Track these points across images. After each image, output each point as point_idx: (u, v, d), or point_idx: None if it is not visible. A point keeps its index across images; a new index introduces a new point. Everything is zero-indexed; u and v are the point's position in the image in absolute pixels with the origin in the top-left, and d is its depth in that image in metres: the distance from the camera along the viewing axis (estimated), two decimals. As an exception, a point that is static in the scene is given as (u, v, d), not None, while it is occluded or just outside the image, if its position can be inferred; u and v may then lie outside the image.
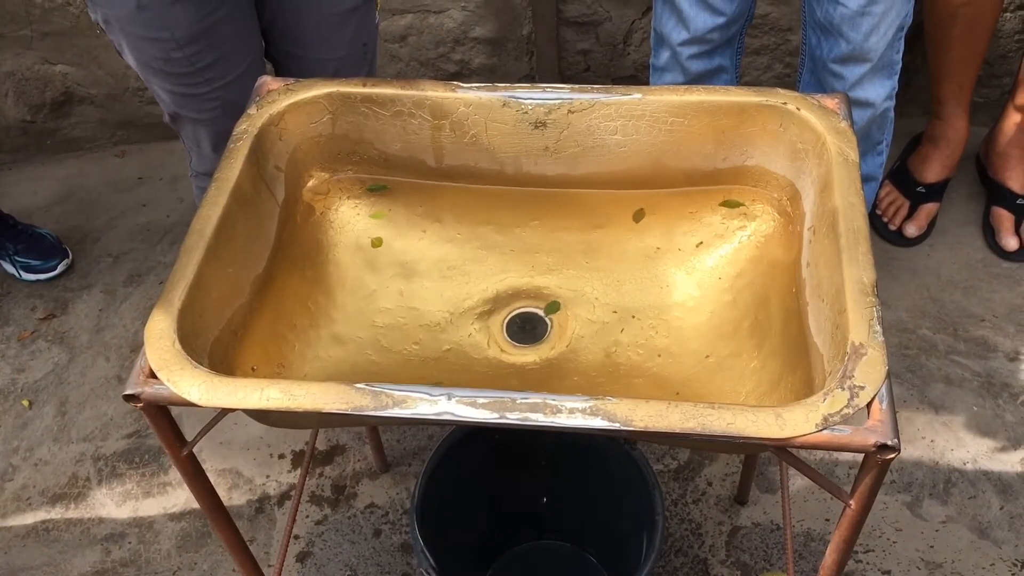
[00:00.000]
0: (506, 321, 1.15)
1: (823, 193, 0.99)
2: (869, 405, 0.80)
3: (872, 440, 0.77)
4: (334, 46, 1.44)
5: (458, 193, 1.18)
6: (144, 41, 1.27)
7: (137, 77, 2.26)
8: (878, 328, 0.84)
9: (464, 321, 1.14)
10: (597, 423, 0.79)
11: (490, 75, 2.25)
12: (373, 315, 1.15)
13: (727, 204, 1.16)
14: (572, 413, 0.80)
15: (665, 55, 1.65)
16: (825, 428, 0.78)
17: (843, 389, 0.80)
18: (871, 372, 0.81)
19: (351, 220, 1.20)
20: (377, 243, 1.19)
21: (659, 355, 1.10)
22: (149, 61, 1.31)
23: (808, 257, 1.01)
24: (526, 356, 1.11)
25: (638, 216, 1.17)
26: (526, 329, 1.14)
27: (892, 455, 0.78)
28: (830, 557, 0.92)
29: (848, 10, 1.42)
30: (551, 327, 1.14)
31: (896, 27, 1.46)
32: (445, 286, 1.17)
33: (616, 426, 0.79)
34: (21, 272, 2.09)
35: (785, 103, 1.04)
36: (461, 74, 2.25)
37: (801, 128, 1.04)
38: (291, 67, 1.47)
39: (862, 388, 0.80)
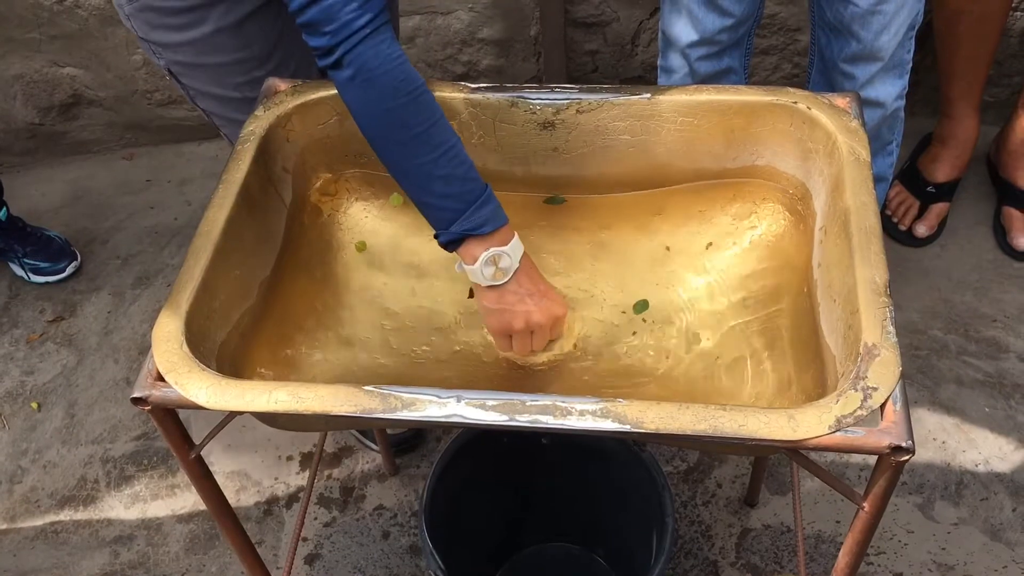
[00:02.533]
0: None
1: (834, 193, 0.98)
2: (883, 407, 0.79)
3: (886, 442, 0.77)
4: None
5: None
6: (223, 69, 1.23)
7: (145, 79, 2.28)
8: (891, 329, 0.83)
9: (473, 322, 1.14)
10: (608, 425, 0.79)
11: (498, 76, 2.25)
12: (382, 316, 1.15)
13: (550, 201, 1.16)
14: (583, 415, 0.79)
15: (673, 56, 1.64)
16: (838, 430, 0.77)
17: (856, 390, 0.79)
18: (884, 373, 0.80)
19: (359, 221, 1.20)
20: (361, 247, 1.18)
21: (668, 356, 1.10)
22: (231, 91, 1.26)
23: (820, 257, 1.00)
24: (536, 357, 1.10)
25: (648, 217, 1.16)
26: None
27: (906, 457, 0.77)
28: (843, 560, 0.91)
29: (859, 9, 1.41)
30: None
31: (907, 26, 1.45)
32: (454, 287, 1.17)
33: (627, 428, 0.78)
34: (30, 274, 2.09)
35: (796, 102, 1.04)
36: (469, 75, 2.25)
37: (812, 127, 1.03)
38: None
39: (875, 389, 0.79)
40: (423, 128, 0.95)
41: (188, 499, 1.72)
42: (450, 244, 1.00)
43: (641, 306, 1.14)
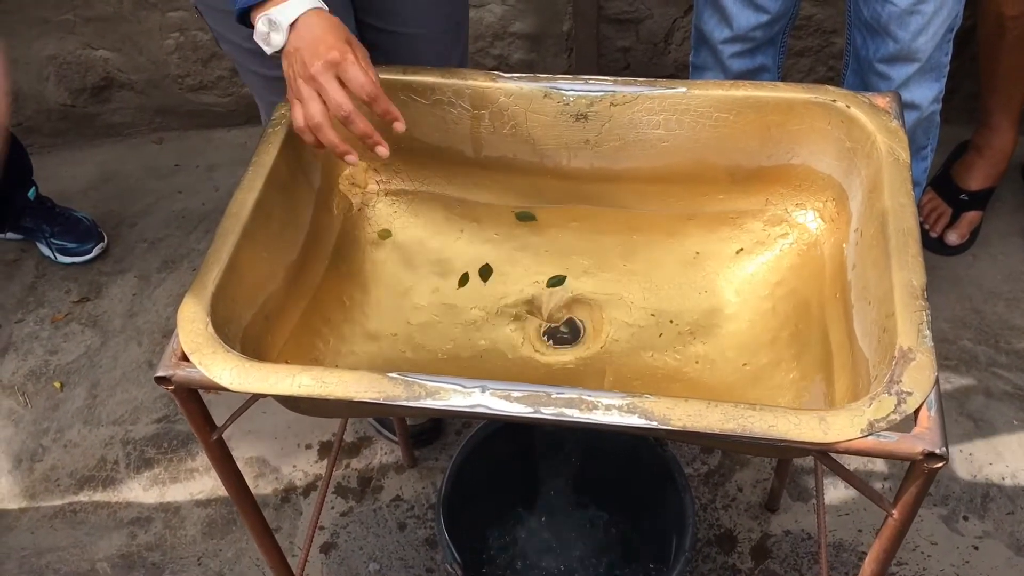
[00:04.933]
0: (542, 322, 1.13)
1: (872, 194, 0.96)
2: (917, 412, 0.77)
3: (919, 448, 0.75)
4: (424, 20, 1.39)
5: (496, 195, 1.17)
6: (231, 14, 1.25)
7: (178, 64, 2.28)
8: (927, 333, 0.81)
9: (500, 321, 1.13)
10: (634, 421, 0.77)
11: (529, 71, 2.23)
12: (408, 312, 1.14)
13: (522, 216, 1.17)
14: (608, 410, 0.78)
15: (706, 53, 1.62)
16: (870, 434, 0.75)
17: (890, 394, 0.77)
18: (920, 378, 0.78)
19: (387, 216, 1.19)
20: (384, 235, 1.17)
21: (696, 361, 1.08)
22: (243, 41, 1.27)
23: (854, 259, 0.98)
24: (561, 357, 1.09)
25: (680, 222, 1.14)
26: (562, 331, 1.13)
27: (940, 464, 0.75)
28: (868, 567, 0.89)
29: (897, 8, 1.39)
30: (586, 330, 1.12)
31: (946, 27, 1.42)
32: (480, 285, 1.16)
33: (654, 424, 0.77)
34: (57, 255, 2.10)
35: (835, 100, 1.02)
36: (499, 69, 2.21)
37: (850, 126, 1.01)
38: (380, 43, 1.39)
39: (910, 394, 0.77)
40: None
41: (206, 483, 1.72)
42: (241, 21, 1.06)
43: (556, 280, 1.14)
